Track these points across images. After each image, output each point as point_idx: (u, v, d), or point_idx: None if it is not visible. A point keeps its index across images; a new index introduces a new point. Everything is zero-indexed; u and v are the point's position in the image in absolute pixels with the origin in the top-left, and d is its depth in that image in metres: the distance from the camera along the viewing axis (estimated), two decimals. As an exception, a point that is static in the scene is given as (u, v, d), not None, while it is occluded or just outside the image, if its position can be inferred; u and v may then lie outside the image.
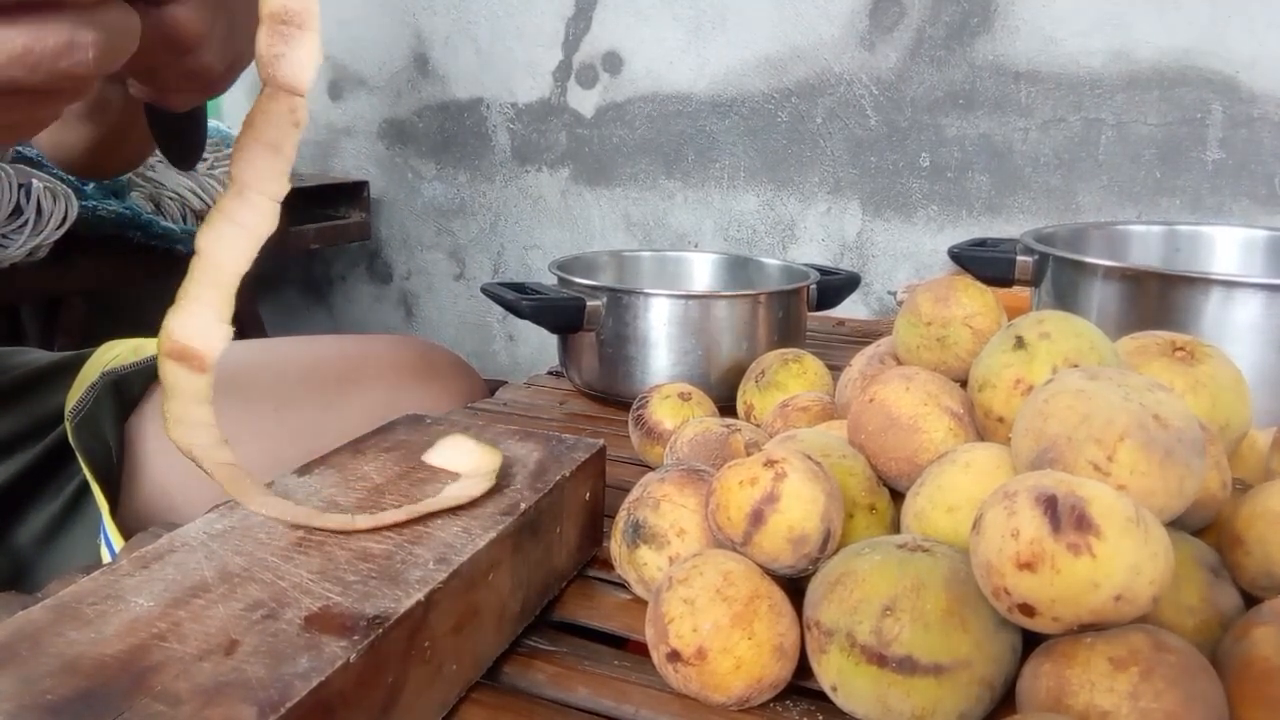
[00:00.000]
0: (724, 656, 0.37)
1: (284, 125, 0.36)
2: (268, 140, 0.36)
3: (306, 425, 0.72)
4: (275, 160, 0.36)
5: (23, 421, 0.69)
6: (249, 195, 0.35)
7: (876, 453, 0.47)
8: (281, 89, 0.36)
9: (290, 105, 0.36)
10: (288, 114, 0.36)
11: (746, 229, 1.75)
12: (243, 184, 0.35)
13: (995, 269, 0.73)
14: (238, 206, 0.35)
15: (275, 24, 0.36)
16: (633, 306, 0.76)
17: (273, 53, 0.36)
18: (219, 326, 0.35)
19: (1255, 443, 0.47)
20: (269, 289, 2.21)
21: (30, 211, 1.22)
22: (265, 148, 0.36)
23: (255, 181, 0.35)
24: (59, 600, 0.33)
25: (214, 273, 0.35)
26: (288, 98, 0.36)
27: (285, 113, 0.36)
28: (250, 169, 0.36)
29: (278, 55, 0.36)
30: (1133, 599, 0.32)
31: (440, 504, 0.41)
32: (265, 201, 0.36)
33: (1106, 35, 1.43)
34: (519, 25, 1.84)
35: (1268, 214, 1.38)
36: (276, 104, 0.36)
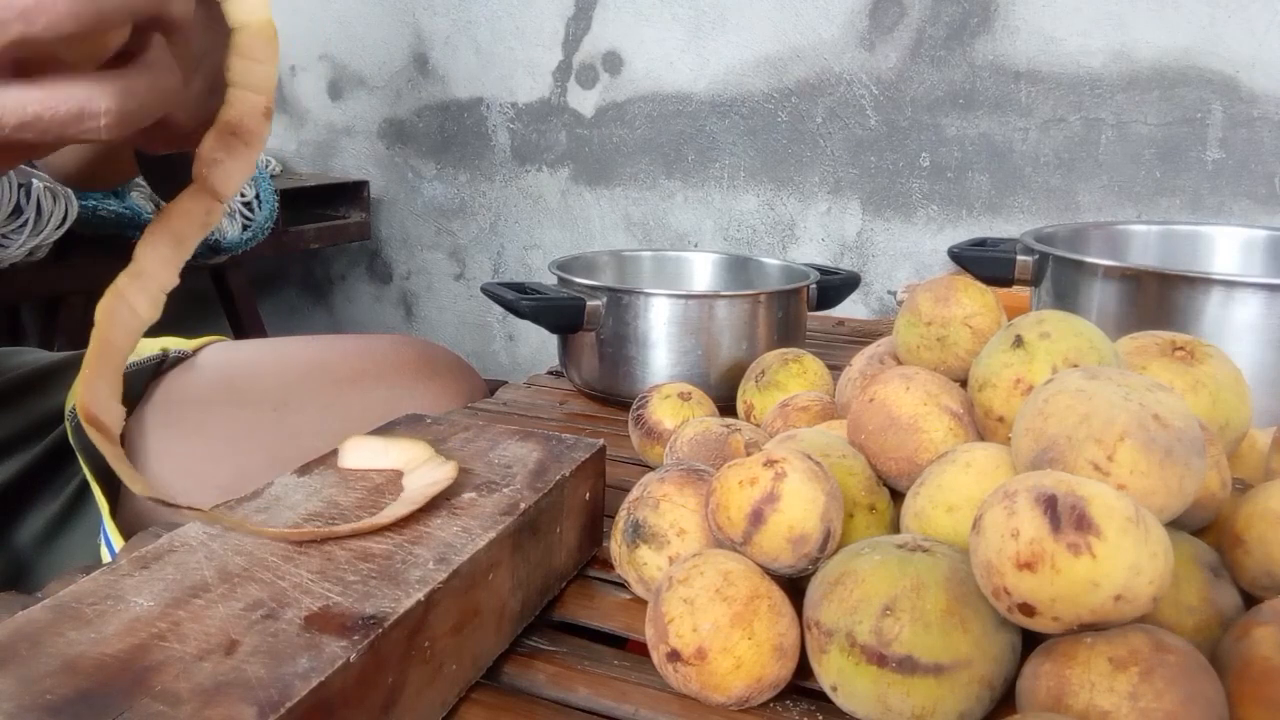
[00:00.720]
0: (724, 656, 0.37)
1: (195, 223, 0.38)
2: (176, 232, 0.38)
3: (306, 425, 0.72)
4: (175, 252, 0.38)
5: (23, 421, 0.69)
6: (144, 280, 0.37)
7: (876, 452, 0.47)
8: (207, 190, 0.38)
9: (208, 207, 0.38)
10: (203, 214, 0.38)
11: (746, 229, 1.75)
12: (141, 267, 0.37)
13: (995, 269, 0.73)
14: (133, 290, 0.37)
15: (225, 133, 0.38)
16: (633, 306, 0.76)
17: (213, 156, 0.38)
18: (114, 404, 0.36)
19: (1255, 443, 0.47)
20: (269, 289, 2.21)
21: (30, 211, 1.22)
22: (171, 239, 0.38)
23: (152, 269, 0.37)
24: (59, 600, 0.33)
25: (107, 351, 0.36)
26: (208, 199, 0.38)
27: (201, 212, 0.38)
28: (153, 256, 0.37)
29: (217, 160, 0.38)
30: (1133, 599, 0.32)
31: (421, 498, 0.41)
32: (157, 290, 0.38)
33: (1106, 35, 1.43)
34: (519, 25, 1.84)
35: (1268, 214, 1.38)
36: (196, 203, 0.38)
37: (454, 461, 0.44)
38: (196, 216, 0.38)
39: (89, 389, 0.35)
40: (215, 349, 0.78)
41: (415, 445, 0.46)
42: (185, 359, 0.75)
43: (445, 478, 0.42)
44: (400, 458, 0.45)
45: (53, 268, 1.32)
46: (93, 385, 0.35)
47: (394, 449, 0.46)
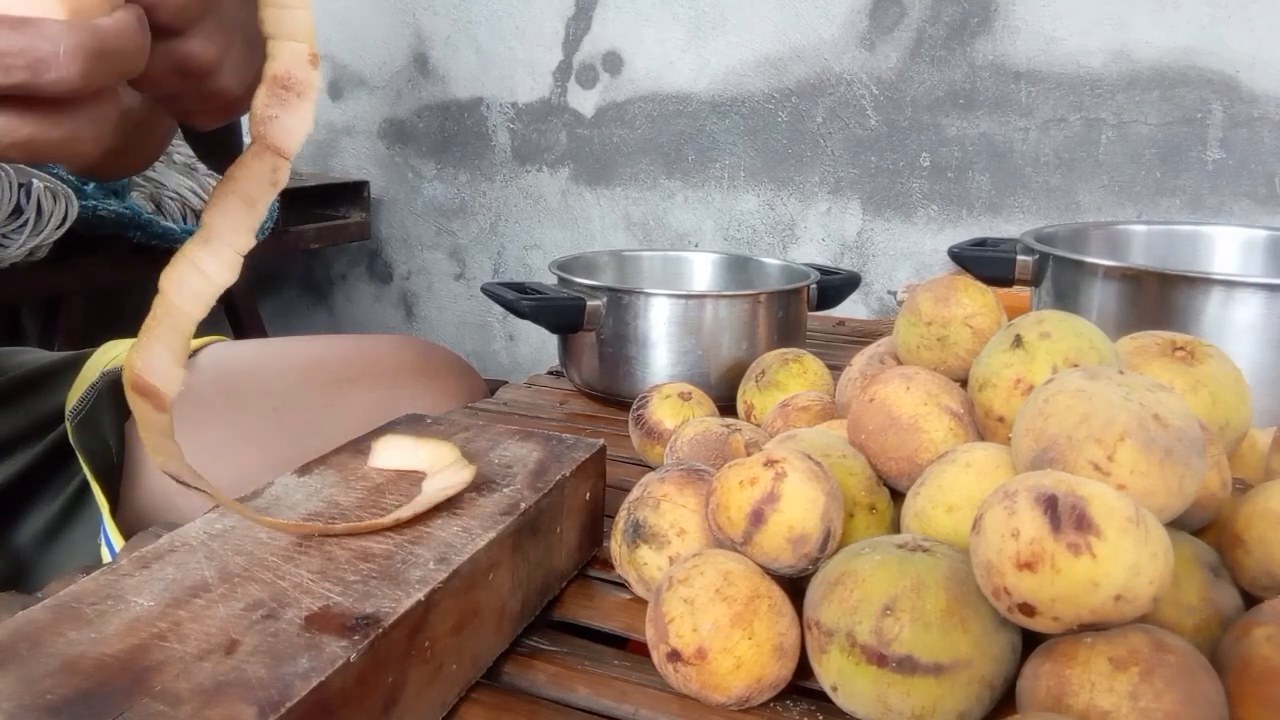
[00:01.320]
0: (724, 656, 0.37)
1: (263, 183, 0.37)
2: (244, 194, 0.37)
3: (306, 425, 0.72)
4: (247, 215, 0.37)
5: (23, 421, 0.69)
6: (215, 244, 0.36)
7: (876, 452, 0.47)
8: (268, 148, 0.37)
9: (273, 165, 0.37)
10: (269, 173, 0.37)
11: (746, 229, 1.75)
12: (212, 232, 0.36)
13: (995, 269, 0.73)
14: (203, 254, 0.36)
15: (275, 87, 0.37)
16: (633, 306, 0.76)
17: (268, 113, 0.37)
18: (175, 369, 0.35)
19: (1255, 443, 0.47)
20: (269, 289, 2.21)
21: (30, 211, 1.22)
22: (241, 201, 0.37)
23: (224, 232, 0.36)
24: (59, 600, 0.33)
25: (173, 315, 0.35)
26: (272, 157, 0.37)
27: (267, 171, 0.37)
28: (222, 219, 0.36)
29: (272, 116, 0.37)
30: (1133, 599, 0.32)
31: (428, 502, 0.41)
32: (230, 253, 0.36)
33: (1106, 35, 1.43)
34: (519, 25, 1.84)
35: (1268, 214, 1.38)
36: (260, 162, 0.37)
37: (474, 466, 0.44)
38: (263, 175, 0.37)
39: (143, 353, 0.34)
40: (215, 349, 0.78)
41: (443, 448, 0.46)
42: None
43: (460, 482, 0.42)
44: (427, 459, 0.45)
45: (53, 268, 1.32)
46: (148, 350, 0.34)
47: (423, 450, 0.46)
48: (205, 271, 0.36)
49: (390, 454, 0.46)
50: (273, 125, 0.37)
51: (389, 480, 0.44)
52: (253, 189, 0.37)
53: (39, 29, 0.33)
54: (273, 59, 0.38)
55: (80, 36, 0.33)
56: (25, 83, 0.33)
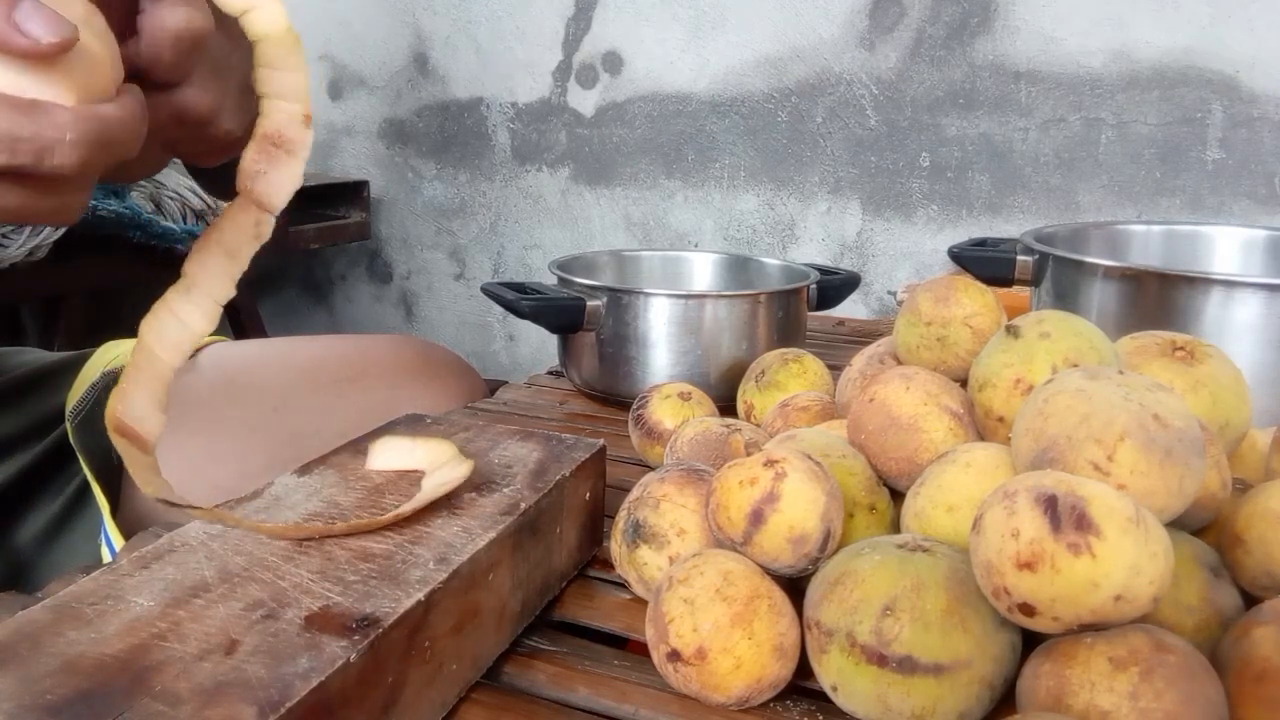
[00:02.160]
0: (724, 656, 0.37)
1: (246, 236, 0.38)
2: (227, 246, 0.38)
3: (306, 425, 0.72)
4: (229, 265, 0.38)
5: (23, 421, 0.69)
6: (196, 294, 0.37)
7: (876, 452, 0.47)
8: (253, 202, 0.38)
9: (257, 219, 0.38)
10: (252, 226, 0.38)
11: (746, 229, 1.75)
12: (192, 281, 0.37)
13: (995, 269, 0.73)
14: (183, 303, 0.37)
15: (266, 144, 0.38)
16: (633, 306, 0.76)
17: (255, 168, 0.38)
18: (156, 414, 0.36)
19: (1255, 443, 0.47)
20: (269, 289, 2.21)
21: (30, 211, 1.22)
22: (223, 252, 0.37)
23: (204, 282, 0.37)
24: (59, 600, 0.33)
25: (153, 364, 0.36)
26: (257, 211, 0.38)
27: (250, 224, 0.38)
28: (203, 269, 0.37)
29: (259, 172, 0.38)
30: (1133, 599, 0.32)
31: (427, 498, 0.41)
32: (209, 303, 0.37)
33: (1106, 35, 1.43)
34: (519, 25, 1.84)
35: (1268, 214, 1.38)
36: (245, 215, 0.38)
37: (471, 461, 0.44)
38: (247, 228, 0.38)
39: (123, 400, 0.34)
40: (216, 349, 0.78)
41: (440, 445, 0.46)
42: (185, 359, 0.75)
43: (458, 477, 0.42)
44: (426, 457, 0.46)
45: (53, 268, 1.32)
46: (129, 396, 0.35)
47: (420, 449, 0.46)
48: (184, 321, 0.37)
49: (388, 455, 0.46)
50: (259, 180, 0.38)
51: (389, 480, 0.44)
52: (235, 241, 0.38)
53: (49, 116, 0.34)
54: (265, 116, 0.38)
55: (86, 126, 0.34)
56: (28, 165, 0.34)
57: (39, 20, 0.33)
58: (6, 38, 0.33)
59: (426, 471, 0.45)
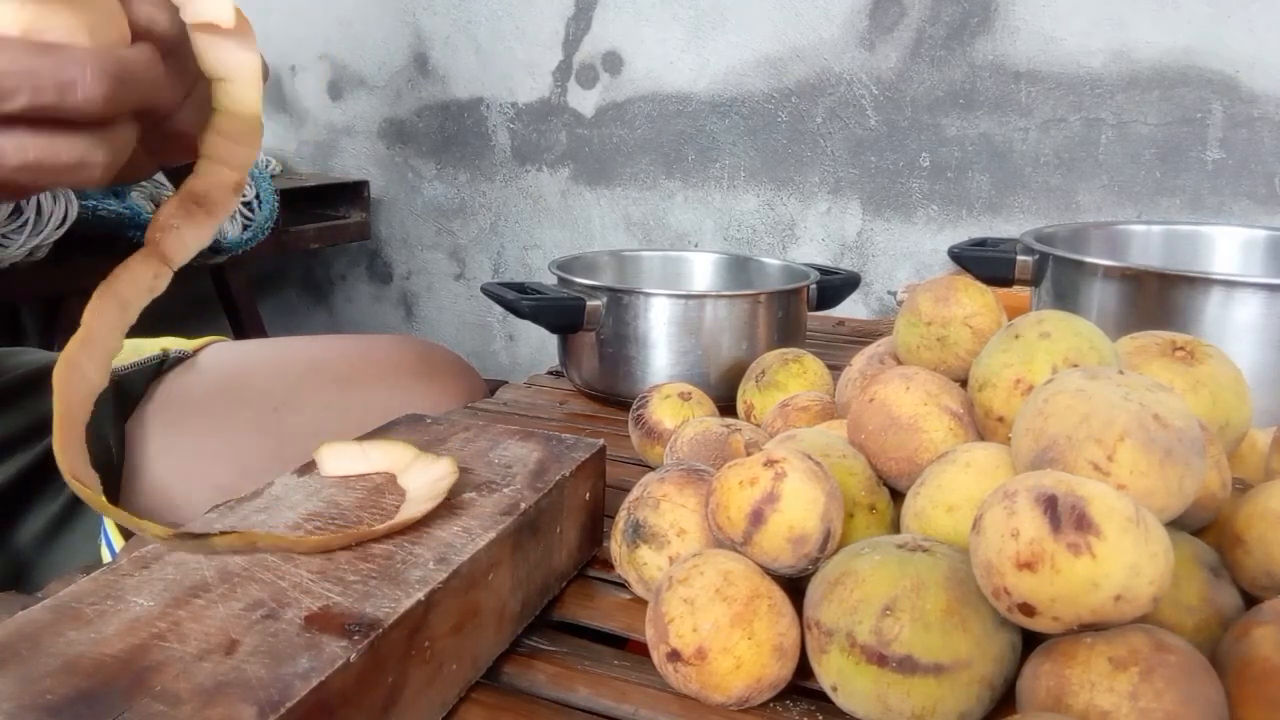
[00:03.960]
0: (724, 656, 0.37)
1: (141, 288, 0.38)
2: (121, 298, 0.38)
3: (307, 425, 0.72)
4: (120, 317, 0.38)
5: (23, 421, 0.69)
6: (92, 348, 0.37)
7: (876, 452, 0.47)
8: (156, 255, 0.38)
9: (155, 271, 0.38)
10: (150, 279, 0.38)
11: (746, 229, 1.75)
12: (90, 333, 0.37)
13: (995, 269, 0.73)
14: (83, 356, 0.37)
15: (189, 201, 0.38)
16: (633, 306, 0.76)
17: (170, 222, 0.38)
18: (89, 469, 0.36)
19: (1255, 443, 0.47)
20: (269, 289, 2.21)
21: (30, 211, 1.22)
22: (117, 304, 0.37)
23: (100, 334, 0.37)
24: (59, 600, 0.33)
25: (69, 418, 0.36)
26: (158, 264, 0.38)
27: (149, 277, 0.38)
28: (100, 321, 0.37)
29: (173, 226, 0.38)
30: (1133, 599, 0.32)
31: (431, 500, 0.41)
32: (104, 356, 0.37)
33: (1106, 35, 1.43)
34: (519, 25, 1.84)
35: (1268, 214, 1.38)
36: (145, 267, 0.38)
37: (448, 457, 0.43)
38: (144, 281, 0.38)
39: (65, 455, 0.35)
40: (215, 349, 0.78)
41: (396, 446, 0.46)
42: (186, 359, 0.75)
43: (449, 472, 0.42)
44: (384, 460, 0.45)
45: (53, 268, 1.32)
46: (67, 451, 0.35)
47: (374, 452, 0.46)
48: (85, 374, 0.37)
49: (339, 462, 0.45)
50: (170, 235, 0.38)
51: (388, 480, 0.44)
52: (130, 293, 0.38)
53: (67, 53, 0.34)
54: (197, 176, 0.39)
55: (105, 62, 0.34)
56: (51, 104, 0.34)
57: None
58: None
59: (395, 472, 0.44)
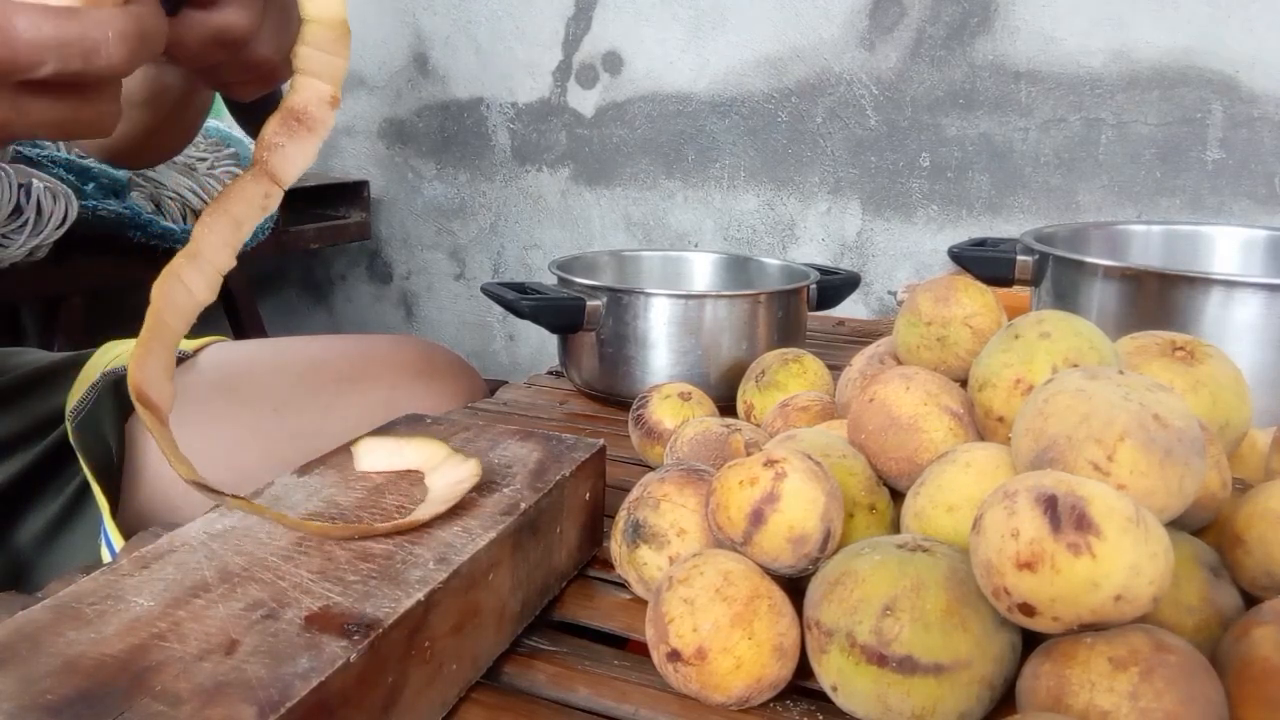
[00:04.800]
0: (724, 656, 0.37)
1: (253, 206, 0.38)
2: (234, 215, 0.38)
3: (306, 425, 0.72)
4: (234, 235, 0.38)
5: (23, 421, 0.69)
6: (200, 262, 0.37)
7: (876, 452, 0.47)
8: (266, 174, 0.38)
9: (266, 190, 0.39)
10: (261, 198, 0.39)
11: (746, 229, 1.75)
12: (198, 248, 0.37)
13: (995, 269, 0.73)
14: (189, 270, 0.37)
15: (289, 118, 0.38)
16: (633, 306, 0.76)
17: (275, 140, 0.38)
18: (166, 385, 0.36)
19: (1255, 443, 0.47)
20: (269, 289, 2.21)
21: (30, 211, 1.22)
22: (230, 221, 0.38)
23: (209, 250, 0.37)
24: (59, 600, 0.33)
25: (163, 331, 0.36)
26: (268, 183, 0.38)
27: (259, 196, 0.38)
28: (210, 236, 0.37)
29: (278, 144, 0.38)
30: (1133, 599, 0.32)
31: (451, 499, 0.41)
32: (213, 272, 0.38)
33: (1106, 35, 1.43)
34: (519, 25, 1.84)
35: (1268, 214, 1.38)
36: (256, 185, 0.38)
37: (475, 459, 0.43)
38: (255, 200, 0.38)
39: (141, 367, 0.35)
40: (216, 349, 0.78)
41: (430, 444, 0.46)
42: (186, 359, 0.75)
43: (472, 475, 0.42)
44: (417, 457, 0.45)
45: (53, 268, 1.32)
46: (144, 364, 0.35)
47: (408, 448, 0.46)
48: (190, 288, 0.37)
49: (375, 456, 0.46)
50: (276, 153, 0.38)
51: (389, 480, 0.44)
52: (243, 211, 0.38)
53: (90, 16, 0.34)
54: (294, 92, 0.39)
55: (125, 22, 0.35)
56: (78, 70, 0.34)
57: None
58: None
59: (425, 471, 0.45)
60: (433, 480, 0.43)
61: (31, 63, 0.34)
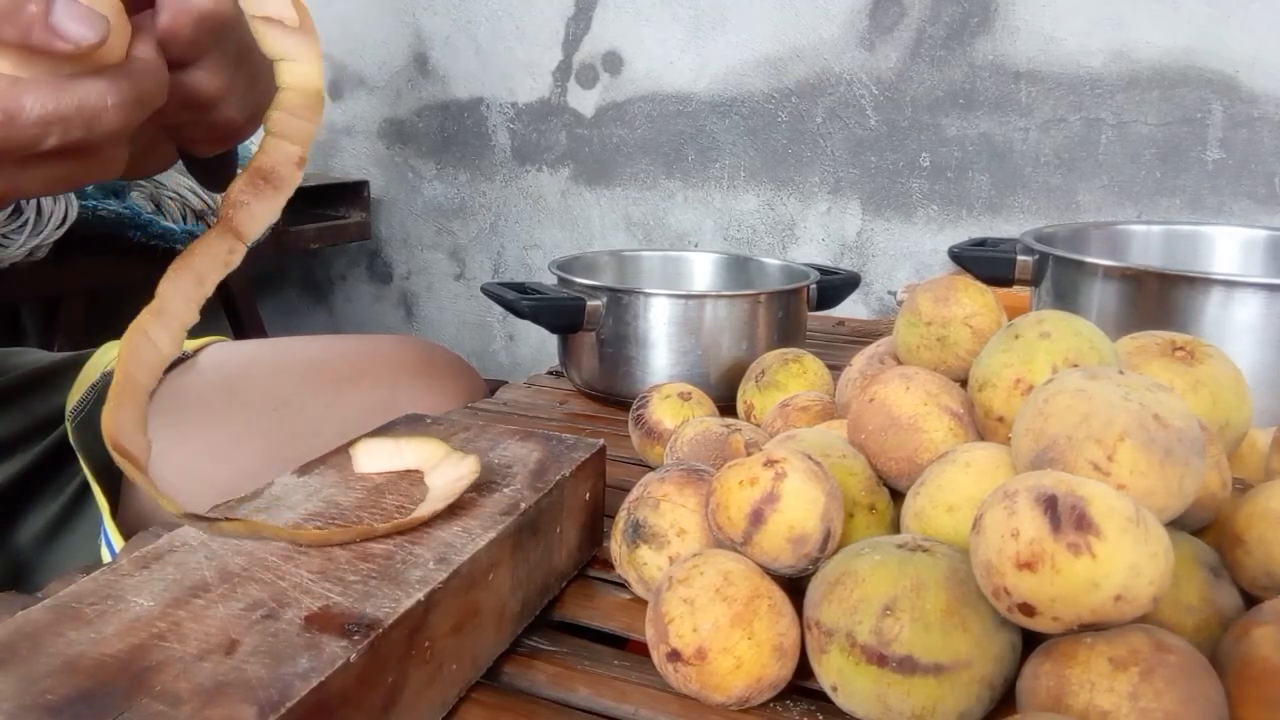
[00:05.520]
0: (724, 656, 0.37)
1: (217, 262, 0.39)
2: (198, 271, 0.39)
3: (306, 425, 0.72)
4: (197, 290, 0.39)
5: (23, 422, 0.69)
6: (165, 318, 0.38)
7: (876, 452, 0.47)
8: (230, 230, 0.39)
9: (231, 246, 0.39)
10: (225, 254, 0.39)
11: (746, 229, 1.75)
12: (164, 304, 0.38)
13: (995, 269, 0.73)
14: (155, 326, 0.37)
15: (257, 176, 0.39)
16: (633, 306, 0.76)
17: (241, 198, 0.39)
18: (141, 437, 0.36)
19: (1255, 443, 0.47)
20: (269, 289, 2.21)
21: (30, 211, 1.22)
22: (194, 277, 0.38)
23: (174, 305, 0.38)
24: (59, 600, 0.33)
25: (131, 386, 0.36)
26: (232, 239, 0.39)
27: (223, 252, 0.39)
28: (175, 292, 0.38)
29: (244, 202, 0.39)
30: (1133, 599, 0.32)
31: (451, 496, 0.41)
32: (177, 327, 0.38)
33: (1106, 35, 1.43)
34: (519, 25, 1.84)
35: (1268, 214, 1.38)
36: (221, 242, 0.39)
37: (474, 455, 0.44)
38: (219, 255, 0.39)
39: (114, 421, 0.35)
40: (216, 349, 0.78)
41: (429, 443, 0.46)
42: (186, 359, 0.75)
43: (471, 472, 0.42)
44: (415, 457, 0.45)
45: (53, 268, 1.32)
46: (118, 417, 0.35)
47: (408, 449, 0.46)
48: (156, 344, 0.37)
49: (374, 457, 0.46)
50: (242, 211, 0.39)
51: (389, 480, 0.44)
52: (206, 267, 0.39)
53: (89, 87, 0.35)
54: (263, 153, 0.39)
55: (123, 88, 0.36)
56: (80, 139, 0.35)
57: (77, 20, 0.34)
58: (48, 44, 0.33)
59: (425, 470, 0.45)
60: (432, 479, 0.43)
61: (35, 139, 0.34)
